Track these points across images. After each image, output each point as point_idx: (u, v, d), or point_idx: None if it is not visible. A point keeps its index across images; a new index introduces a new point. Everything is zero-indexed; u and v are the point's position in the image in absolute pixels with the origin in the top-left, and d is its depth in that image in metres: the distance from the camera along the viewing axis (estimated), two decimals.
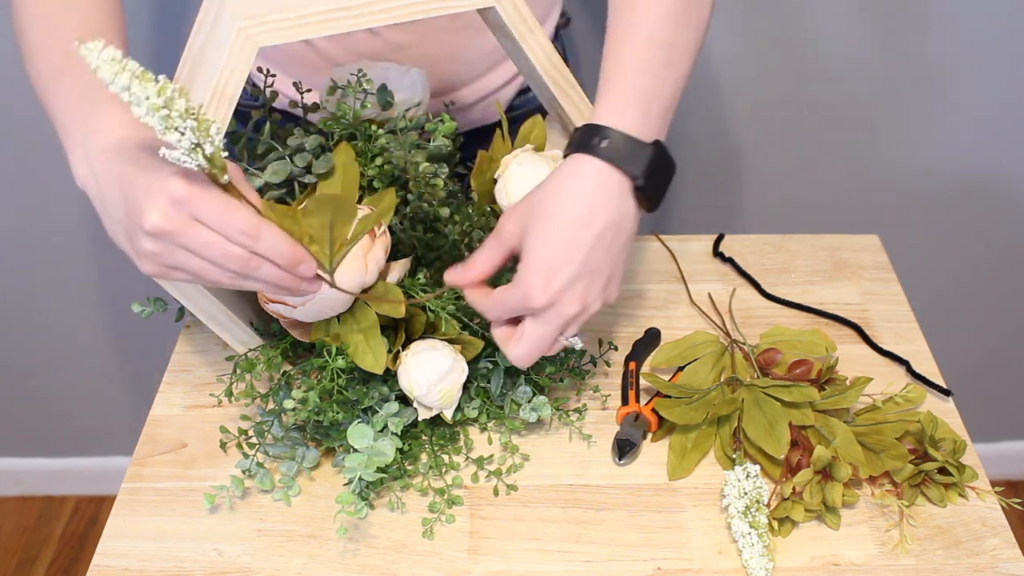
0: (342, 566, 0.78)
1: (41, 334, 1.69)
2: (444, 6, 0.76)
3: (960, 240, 1.56)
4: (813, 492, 0.79)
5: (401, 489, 0.84)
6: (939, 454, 0.81)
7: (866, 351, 0.97)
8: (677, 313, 1.01)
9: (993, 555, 0.78)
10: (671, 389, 0.87)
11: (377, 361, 0.78)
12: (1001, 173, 1.48)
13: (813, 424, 0.83)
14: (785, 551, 0.79)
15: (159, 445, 0.88)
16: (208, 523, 0.82)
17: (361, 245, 0.78)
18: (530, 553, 0.79)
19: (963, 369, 1.33)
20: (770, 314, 1.01)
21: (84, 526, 1.91)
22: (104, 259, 1.54)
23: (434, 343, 0.81)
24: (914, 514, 0.81)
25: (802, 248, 1.10)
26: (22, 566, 1.84)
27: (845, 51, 1.36)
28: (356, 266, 0.77)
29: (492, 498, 0.83)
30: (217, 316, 0.83)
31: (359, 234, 0.73)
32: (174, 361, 0.97)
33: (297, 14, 0.72)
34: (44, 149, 1.44)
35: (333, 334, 0.80)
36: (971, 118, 1.42)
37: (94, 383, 1.76)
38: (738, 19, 1.33)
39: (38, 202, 1.51)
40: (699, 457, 0.85)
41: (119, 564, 0.79)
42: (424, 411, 0.82)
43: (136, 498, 0.84)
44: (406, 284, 0.84)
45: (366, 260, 0.78)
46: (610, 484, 0.84)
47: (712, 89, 1.40)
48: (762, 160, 1.47)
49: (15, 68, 1.35)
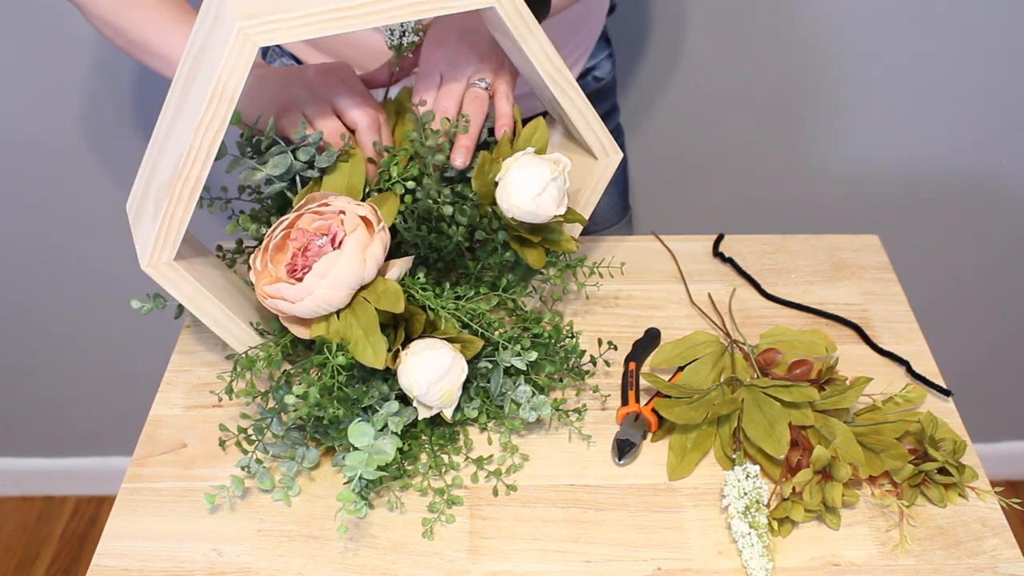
0: (342, 566, 0.78)
1: (41, 334, 1.69)
2: (444, 6, 0.76)
3: (960, 240, 1.56)
4: (813, 492, 0.79)
5: (401, 489, 0.84)
6: (939, 454, 0.81)
7: (866, 351, 0.97)
8: (677, 313, 1.01)
9: (993, 555, 0.78)
10: (671, 389, 0.87)
11: (377, 357, 0.78)
12: (1001, 173, 1.48)
13: (813, 424, 0.83)
14: (785, 551, 0.78)
15: (159, 445, 0.88)
16: (208, 523, 0.82)
17: (360, 240, 0.78)
18: (530, 553, 0.79)
19: (963, 369, 1.33)
20: (770, 314, 1.01)
21: (84, 526, 1.91)
22: (104, 259, 1.54)
23: (434, 342, 0.81)
24: (914, 514, 0.81)
25: (802, 248, 1.10)
26: (22, 566, 1.84)
27: (845, 51, 1.36)
28: (355, 263, 0.78)
29: (492, 498, 0.83)
30: (217, 316, 0.83)
31: None
32: (174, 361, 0.97)
33: (297, 14, 0.72)
34: (44, 149, 1.44)
35: (333, 330, 0.80)
36: (971, 118, 1.42)
37: (94, 383, 1.76)
38: (738, 19, 1.33)
39: (38, 202, 1.51)
40: (699, 457, 0.85)
41: (119, 564, 0.79)
42: (424, 410, 0.82)
43: (136, 498, 0.84)
44: (406, 283, 0.84)
45: (364, 256, 0.78)
46: (610, 484, 0.84)
47: (712, 89, 1.40)
48: (762, 160, 1.47)
49: (15, 69, 1.35)
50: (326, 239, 0.79)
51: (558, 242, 0.89)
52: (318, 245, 0.79)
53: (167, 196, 0.77)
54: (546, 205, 0.83)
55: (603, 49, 1.18)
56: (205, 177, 0.77)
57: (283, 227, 0.81)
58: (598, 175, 0.92)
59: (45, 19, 1.31)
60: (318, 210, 0.81)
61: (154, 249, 0.79)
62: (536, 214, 0.84)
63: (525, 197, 0.83)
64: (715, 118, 1.43)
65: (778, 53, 1.36)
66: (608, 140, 0.90)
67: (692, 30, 1.34)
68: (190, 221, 0.79)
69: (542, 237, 0.89)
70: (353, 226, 0.79)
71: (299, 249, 0.79)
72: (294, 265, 0.79)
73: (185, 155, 0.75)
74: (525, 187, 0.83)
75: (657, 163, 1.46)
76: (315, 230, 0.80)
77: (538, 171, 0.82)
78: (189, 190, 0.77)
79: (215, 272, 0.86)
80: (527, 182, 0.82)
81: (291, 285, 0.79)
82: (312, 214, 0.80)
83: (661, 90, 1.39)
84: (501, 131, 0.88)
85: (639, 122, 1.42)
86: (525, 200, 0.83)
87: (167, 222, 0.78)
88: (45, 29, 1.32)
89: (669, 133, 1.44)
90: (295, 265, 0.79)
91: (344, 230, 0.79)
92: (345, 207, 0.80)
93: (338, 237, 0.78)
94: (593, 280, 1.02)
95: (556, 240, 0.89)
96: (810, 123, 1.43)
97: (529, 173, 0.83)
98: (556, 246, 0.89)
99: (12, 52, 1.34)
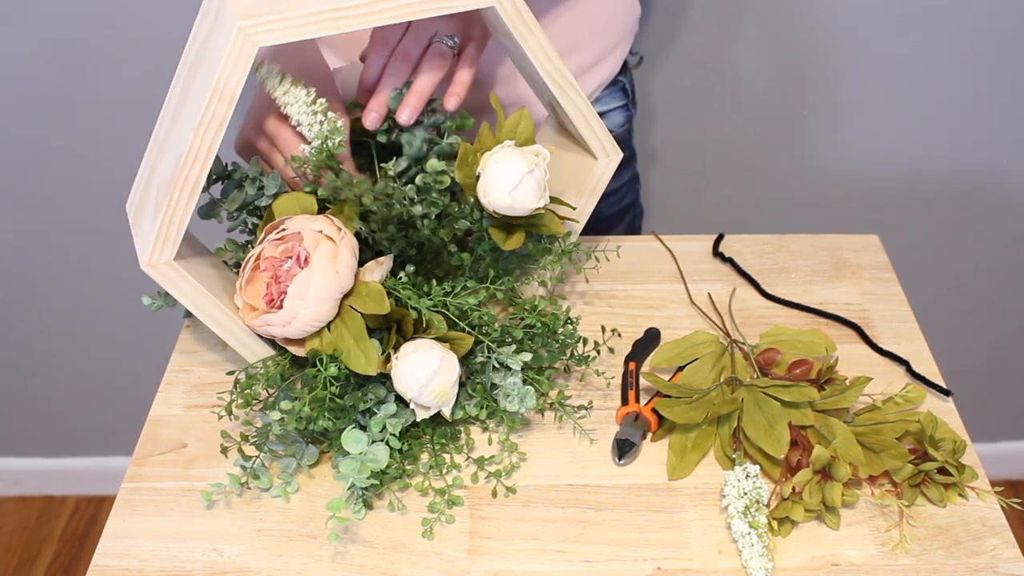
0: (342, 566, 0.78)
1: (41, 334, 1.69)
2: (444, 6, 0.76)
3: (960, 240, 1.56)
4: (813, 492, 0.79)
5: (401, 489, 0.84)
6: (939, 454, 0.81)
7: (866, 351, 0.97)
8: (677, 313, 1.01)
9: (993, 555, 0.78)
10: (671, 389, 0.87)
11: (369, 364, 0.79)
12: (1001, 173, 1.48)
13: (813, 424, 0.83)
14: (785, 551, 0.79)
15: (159, 445, 0.88)
16: (208, 523, 0.82)
17: (327, 253, 0.78)
18: (530, 553, 0.79)
19: (963, 369, 1.33)
20: (770, 314, 1.01)
21: (84, 526, 1.91)
22: (104, 259, 1.54)
23: (421, 343, 0.81)
24: (914, 514, 0.81)
25: (802, 248, 1.10)
26: (22, 566, 1.84)
27: (845, 51, 1.36)
28: (328, 275, 0.78)
29: (492, 498, 0.83)
30: (217, 316, 0.83)
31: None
32: (174, 361, 0.97)
33: (297, 14, 0.72)
34: (45, 150, 1.44)
35: (326, 343, 0.80)
36: (971, 118, 1.42)
37: (94, 383, 1.76)
38: (737, 19, 1.33)
39: (38, 202, 1.51)
40: (699, 457, 0.85)
41: (119, 564, 0.79)
42: (422, 411, 0.82)
43: (136, 498, 0.84)
44: (388, 284, 0.84)
45: (335, 267, 0.79)
46: (610, 484, 0.84)
47: (712, 89, 1.40)
48: (762, 160, 1.47)
49: (15, 69, 1.35)
50: (291, 261, 0.79)
51: (546, 226, 0.87)
52: (285, 269, 0.79)
53: (167, 196, 0.77)
54: (523, 198, 0.81)
55: (617, 98, 1.14)
56: (205, 177, 0.77)
57: (251, 261, 0.81)
58: (598, 175, 0.92)
59: (45, 19, 1.31)
60: (277, 237, 0.81)
61: (154, 249, 0.79)
62: (513, 207, 0.82)
63: (501, 191, 0.81)
64: (715, 118, 1.43)
65: (778, 53, 1.36)
66: (608, 140, 0.90)
67: (692, 30, 1.34)
68: (190, 221, 0.79)
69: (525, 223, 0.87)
70: (315, 242, 0.79)
71: (271, 278, 0.80)
72: (270, 295, 0.80)
73: (185, 155, 0.75)
74: (501, 181, 0.81)
75: (657, 163, 1.46)
76: (280, 255, 0.80)
77: (514, 164, 0.81)
78: (189, 190, 0.77)
79: (215, 272, 0.86)
80: (503, 176, 0.81)
81: (274, 313, 0.79)
82: (273, 242, 0.81)
83: (661, 90, 1.40)
84: (450, 99, 0.85)
85: (639, 122, 1.42)
86: (501, 195, 0.81)
87: (167, 222, 0.78)
88: (45, 29, 1.32)
89: (669, 133, 1.44)
90: (271, 295, 0.79)
91: (305, 249, 0.79)
92: (300, 227, 0.80)
93: (302, 256, 0.79)
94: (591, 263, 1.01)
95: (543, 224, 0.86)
96: (810, 123, 1.43)
97: (505, 167, 0.81)
98: (544, 230, 0.87)
99: (12, 52, 1.34)
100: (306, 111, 0.80)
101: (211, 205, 0.88)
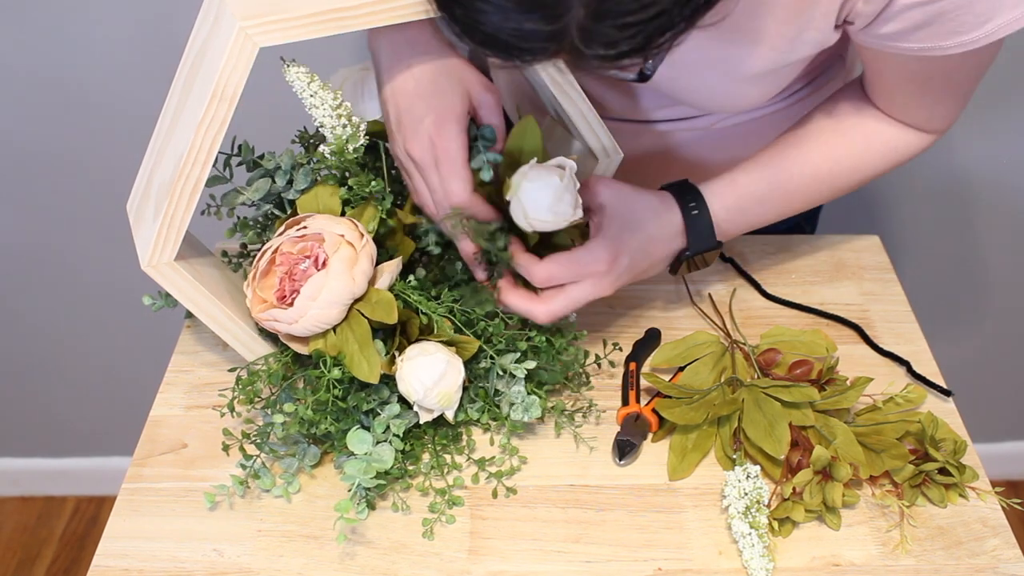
0: (342, 567, 0.78)
1: (41, 335, 1.69)
2: None
3: (960, 240, 1.56)
4: (813, 492, 0.79)
5: (402, 490, 0.84)
6: (939, 454, 0.81)
7: (866, 351, 0.97)
8: (677, 313, 1.01)
9: (993, 555, 0.78)
10: (671, 389, 0.87)
11: (372, 371, 0.79)
12: (1001, 173, 1.48)
13: (813, 424, 0.83)
14: (785, 551, 0.79)
15: (159, 445, 0.88)
16: (208, 523, 0.82)
17: (346, 259, 0.78)
18: (530, 553, 0.79)
19: (963, 369, 1.33)
20: (770, 314, 1.01)
21: (84, 526, 1.91)
22: (104, 259, 1.54)
23: (427, 347, 0.81)
24: (914, 514, 0.81)
25: (802, 248, 1.10)
26: (22, 566, 1.84)
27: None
28: (344, 281, 0.78)
29: (492, 498, 0.83)
30: (217, 316, 0.83)
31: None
32: (174, 361, 0.97)
33: (297, 14, 0.72)
34: (45, 151, 1.44)
35: (330, 344, 0.80)
36: (971, 118, 1.42)
37: (94, 383, 1.76)
38: None
39: (38, 203, 1.51)
40: (699, 457, 0.85)
41: (119, 564, 0.79)
42: (425, 414, 0.83)
43: (136, 498, 0.84)
44: (397, 288, 0.84)
45: (352, 274, 0.79)
46: (610, 484, 0.84)
47: None
48: None
49: (15, 69, 1.35)
50: (309, 262, 0.79)
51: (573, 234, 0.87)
52: (302, 268, 0.79)
53: (167, 196, 0.77)
54: (565, 211, 0.81)
55: None
56: (206, 177, 0.77)
57: (268, 254, 0.81)
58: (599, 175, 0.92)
59: (45, 19, 1.31)
60: (298, 233, 0.81)
61: (154, 249, 0.79)
62: (556, 223, 0.82)
63: (542, 209, 0.80)
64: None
65: None
66: (609, 140, 0.90)
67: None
68: (190, 222, 0.79)
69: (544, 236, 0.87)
70: (335, 246, 0.79)
71: (285, 274, 0.80)
72: (282, 291, 0.79)
73: (185, 155, 0.75)
74: (540, 200, 0.81)
75: None
76: (298, 252, 0.80)
77: (548, 180, 0.81)
78: (189, 190, 0.77)
79: (216, 272, 0.86)
80: (540, 194, 0.81)
81: (283, 310, 0.79)
82: (292, 239, 0.81)
83: None
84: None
85: None
86: (542, 212, 0.80)
87: (167, 222, 0.78)
88: (45, 29, 1.32)
89: None
90: (283, 291, 0.79)
91: (325, 252, 0.79)
92: (322, 228, 0.80)
93: (320, 258, 0.79)
94: None
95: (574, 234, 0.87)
96: None
97: (539, 184, 0.81)
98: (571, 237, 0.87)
99: (12, 53, 1.34)
100: (331, 114, 0.80)
101: (232, 194, 0.87)
